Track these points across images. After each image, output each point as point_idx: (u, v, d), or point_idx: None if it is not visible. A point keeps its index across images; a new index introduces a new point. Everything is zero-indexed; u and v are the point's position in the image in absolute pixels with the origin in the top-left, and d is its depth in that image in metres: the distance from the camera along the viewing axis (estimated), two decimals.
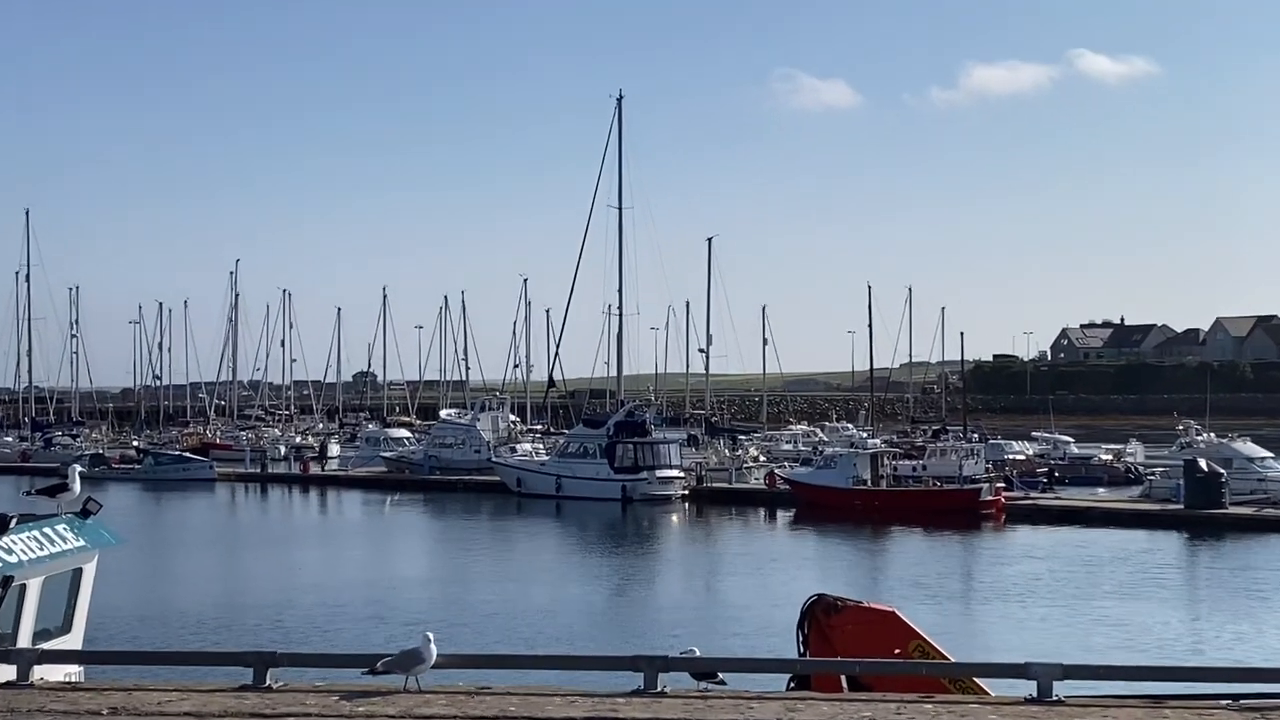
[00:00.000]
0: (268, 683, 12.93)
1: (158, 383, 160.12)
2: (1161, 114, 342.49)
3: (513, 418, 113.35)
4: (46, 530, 18.25)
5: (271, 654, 13.27)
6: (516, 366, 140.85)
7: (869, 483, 78.80)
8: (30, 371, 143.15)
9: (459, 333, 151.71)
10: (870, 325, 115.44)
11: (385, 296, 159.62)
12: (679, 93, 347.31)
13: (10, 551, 17.21)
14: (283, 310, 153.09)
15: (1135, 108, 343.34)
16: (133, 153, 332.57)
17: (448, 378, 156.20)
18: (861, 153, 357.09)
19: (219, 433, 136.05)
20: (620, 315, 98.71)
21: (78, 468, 19.82)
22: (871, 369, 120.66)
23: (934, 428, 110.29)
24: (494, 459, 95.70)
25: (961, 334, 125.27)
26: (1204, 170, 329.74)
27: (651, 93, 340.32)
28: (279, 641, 33.98)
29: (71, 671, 16.08)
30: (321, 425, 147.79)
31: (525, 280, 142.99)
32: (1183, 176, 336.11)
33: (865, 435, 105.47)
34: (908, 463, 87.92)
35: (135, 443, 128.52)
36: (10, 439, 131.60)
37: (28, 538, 17.72)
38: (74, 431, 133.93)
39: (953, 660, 16.63)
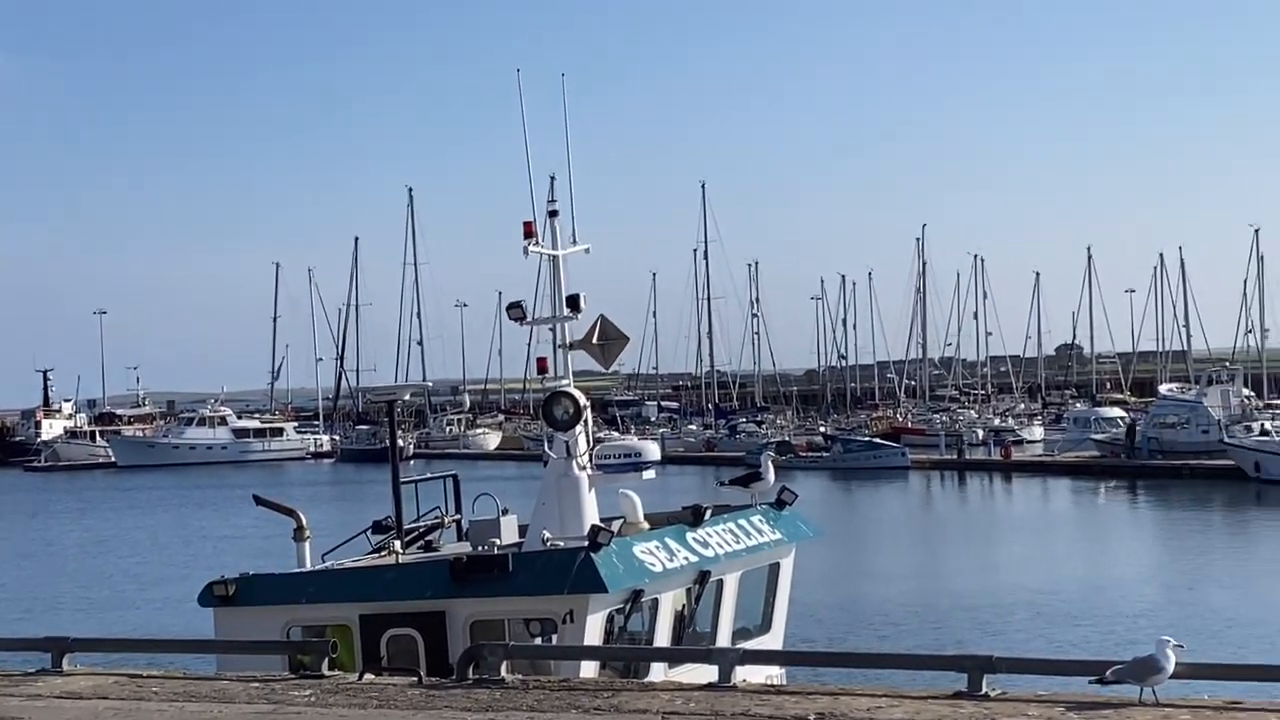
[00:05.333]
0: (984, 690, 13.03)
1: (843, 363, 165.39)
2: None
3: (1246, 392, 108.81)
4: (742, 522, 19.20)
5: (987, 659, 13.35)
6: (1249, 332, 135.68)
7: None
8: (711, 354, 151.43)
9: (1177, 296, 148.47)
10: None
11: (1090, 258, 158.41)
12: None
13: (706, 544, 18.21)
14: (974, 278, 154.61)
15: None
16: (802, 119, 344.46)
17: (1165, 347, 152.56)
18: None
19: (910, 416, 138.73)
20: None
21: (771, 456, 20.76)
22: None
23: None
24: (1226, 440, 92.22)
25: None
26: None
27: None
28: (990, 646, 34.19)
29: (773, 674, 16.81)
30: (1022, 405, 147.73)
31: (1256, 231, 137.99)
32: None
33: None
34: None
35: (822, 428, 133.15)
36: (694, 426, 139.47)
37: (723, 530, 18.70)
38: (759, 418, 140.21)
39: None
